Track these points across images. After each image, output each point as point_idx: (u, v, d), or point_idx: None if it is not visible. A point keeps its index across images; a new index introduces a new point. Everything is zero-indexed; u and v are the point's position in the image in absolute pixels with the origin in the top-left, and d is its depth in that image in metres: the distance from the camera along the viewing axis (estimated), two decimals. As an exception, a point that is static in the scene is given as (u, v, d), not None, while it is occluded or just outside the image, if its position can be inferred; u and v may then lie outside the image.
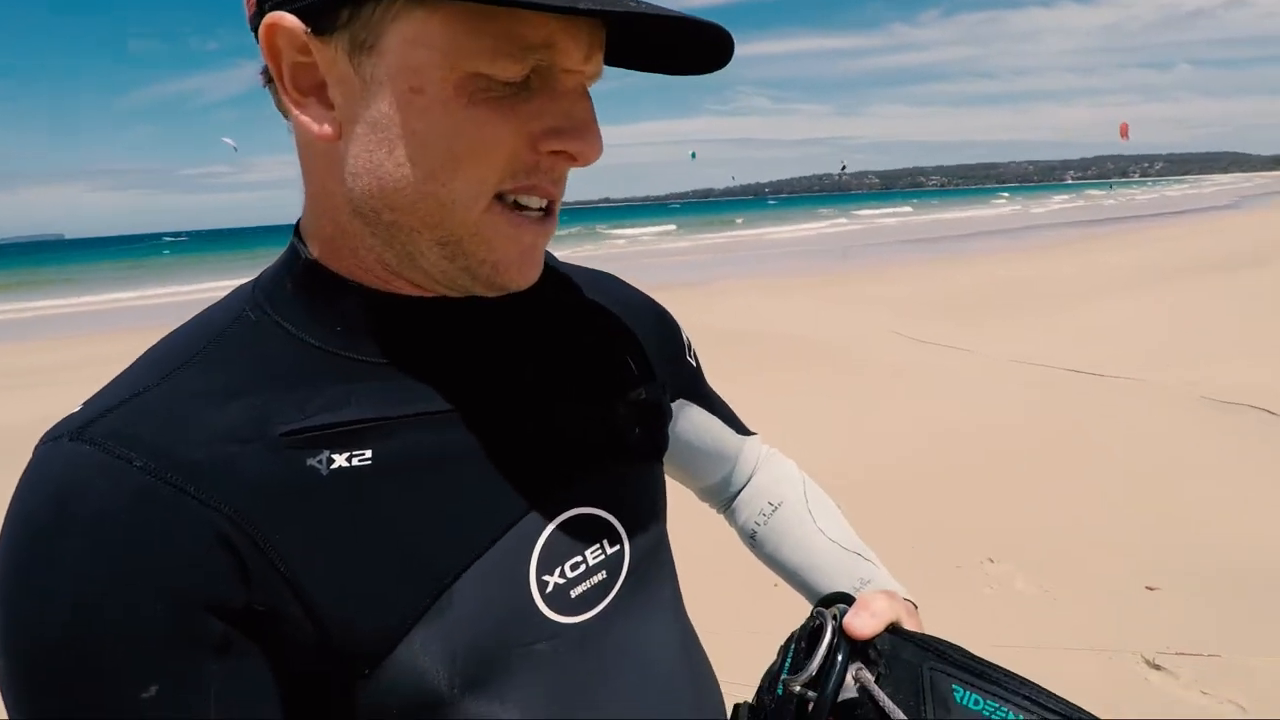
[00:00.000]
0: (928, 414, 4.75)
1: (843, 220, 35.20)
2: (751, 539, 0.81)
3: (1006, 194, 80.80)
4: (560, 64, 0.45)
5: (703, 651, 0.65)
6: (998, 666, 0.50)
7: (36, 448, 0.43)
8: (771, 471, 0.84)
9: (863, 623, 0.54)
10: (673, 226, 37.28)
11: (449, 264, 0.48)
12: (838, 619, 0.54)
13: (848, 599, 0.59)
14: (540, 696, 0.50)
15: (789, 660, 0.55)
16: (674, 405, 0.70)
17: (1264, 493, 3.36)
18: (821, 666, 0.52)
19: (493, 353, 0.54)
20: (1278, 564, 2.77)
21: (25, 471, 0.43)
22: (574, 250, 22.21)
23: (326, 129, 0.45)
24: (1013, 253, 15.71)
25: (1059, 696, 0.48)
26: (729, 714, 0.60)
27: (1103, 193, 59.99)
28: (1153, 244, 15.68)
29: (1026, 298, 9.14)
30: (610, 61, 0.50)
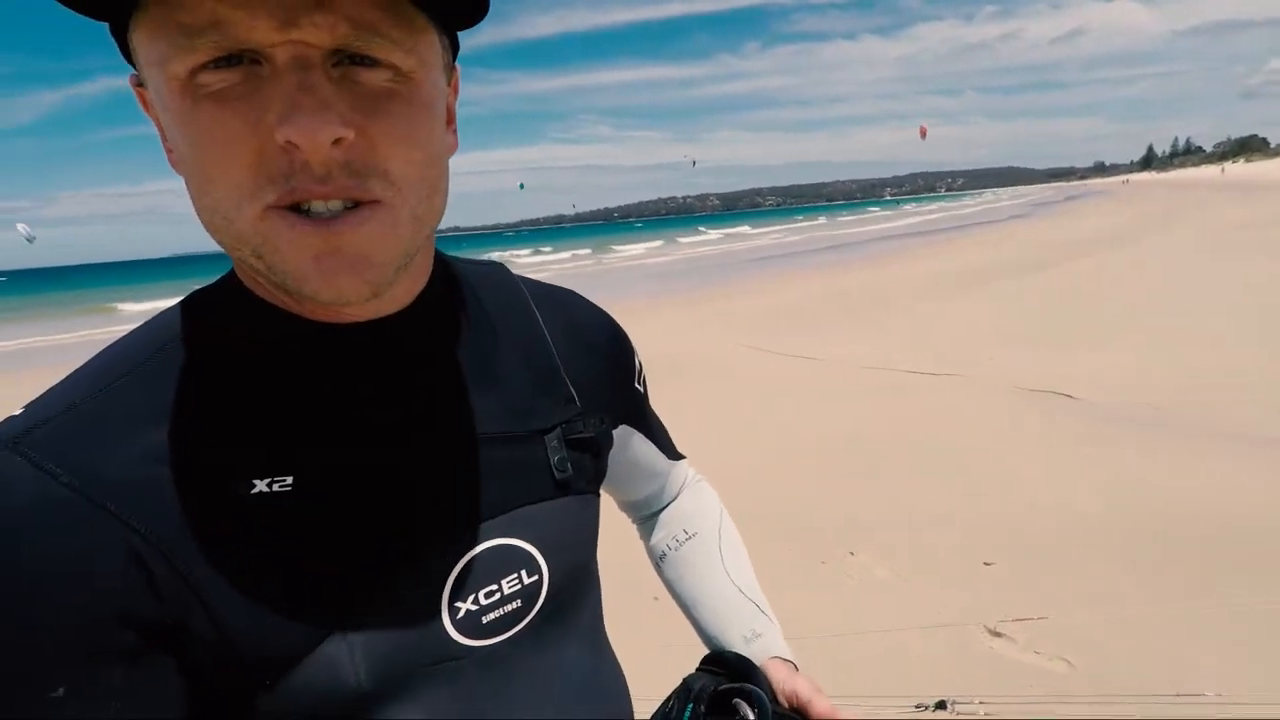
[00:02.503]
0: (786, 421, 4.99)
1: (715, 239, 36.48)
2: (660, 560, 0.83)
3: (876, 207, 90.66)
4: (250, 40, 0.39)
5: (618, 678, 0.66)
6: None
7: None
8: (695, 499, 0.86)
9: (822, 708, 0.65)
10: (588, 250, 37.01)
11: (273, 278, 0.44)
12: (757, 705, 0.59)
13: (748, 670, 0.64)
14: (438, 712, 0.50)
15: None
16: (616, 432, 0.68)
17: (1070, 467, 3.81)
18: None
19: (423, 378, 0.53)
20: (1086, 528, 3.14)
21: None
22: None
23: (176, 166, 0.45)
24: (845, 266, 16.97)
25: None
26: None
27: (892, 210, 66.51)
28: (964, 251, 17.50)
29: (859, 307, 9.87)
30: None
